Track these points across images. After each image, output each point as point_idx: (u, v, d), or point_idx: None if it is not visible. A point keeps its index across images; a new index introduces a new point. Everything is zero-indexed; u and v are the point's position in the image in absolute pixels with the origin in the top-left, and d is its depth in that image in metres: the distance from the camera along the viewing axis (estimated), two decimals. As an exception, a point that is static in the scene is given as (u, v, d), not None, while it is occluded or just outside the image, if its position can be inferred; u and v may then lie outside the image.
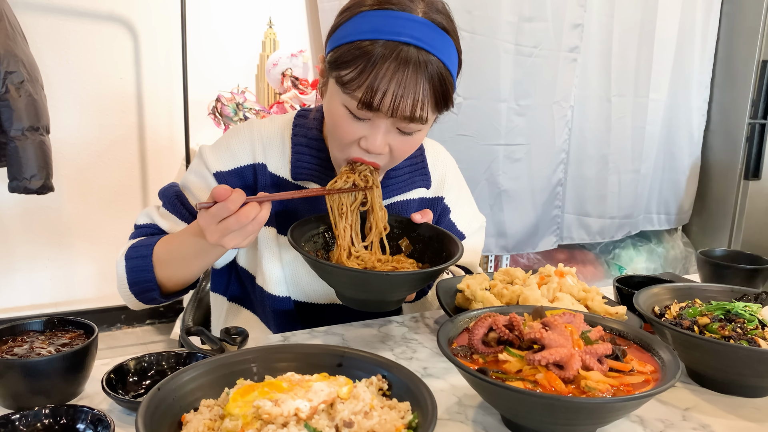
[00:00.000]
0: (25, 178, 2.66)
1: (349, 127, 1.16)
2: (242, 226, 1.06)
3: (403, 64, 1.07)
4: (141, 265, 1.24)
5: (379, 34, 1.09)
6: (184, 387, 0.83)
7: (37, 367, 0.91)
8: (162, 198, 1.34)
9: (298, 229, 1.19)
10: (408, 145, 1.20)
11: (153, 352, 1.03)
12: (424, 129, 1.20)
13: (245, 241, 1.10)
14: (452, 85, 1.15)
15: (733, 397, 1.06)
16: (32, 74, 2.67)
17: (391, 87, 1.08)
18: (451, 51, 1.14)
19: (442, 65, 1.11)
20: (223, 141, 1.35)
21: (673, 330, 1.05)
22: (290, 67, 3.35)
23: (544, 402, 0.81)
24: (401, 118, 1.11)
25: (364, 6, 1.12)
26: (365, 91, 1.08)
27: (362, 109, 1.11)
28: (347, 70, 1.10)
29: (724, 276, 1.51)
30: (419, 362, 1.15)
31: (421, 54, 1.08)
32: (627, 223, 4.04)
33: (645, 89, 3.86)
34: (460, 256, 1.14)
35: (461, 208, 1.51)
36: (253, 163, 1.33)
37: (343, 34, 1.13)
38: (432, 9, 1.13)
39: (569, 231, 3.86)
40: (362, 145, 1.17)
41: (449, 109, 1.18)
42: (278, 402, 0.76)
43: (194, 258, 1.21)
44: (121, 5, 3.28)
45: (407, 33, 1.08)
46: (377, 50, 1.07)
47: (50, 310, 3.42)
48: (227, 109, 3.17)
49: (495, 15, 3.25)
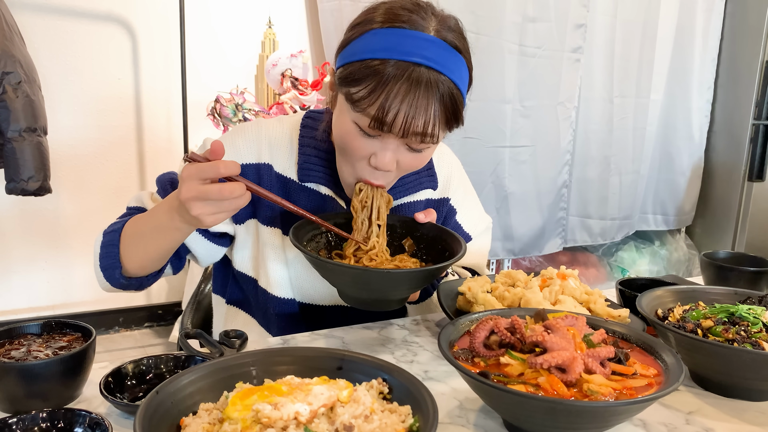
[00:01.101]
0: (23, 180, 2.66)
1: (359, 143, 1.17)
2: (222, 198, 1.02)
3: (414, 85, 1.08)
4: (111, 240, 1.22)
5: (391, 53, 1.09)
6: (182, 390, 0.83)
7: (35, 370, 0.91)
8: (157, 183, 1.33)
9: (301, 228, 1.20)
10: (416, 161, 1.21)
11: (151, 355, 1.03)
12: (433, 146, 1.21)
13: (212, 216, 1.04)
14: (462, 104, 1.16)
15: (737, 401, 1.06)
16: (29, 75, 2.67)
17: (403, 107, 1.08)
18: (462, 69, 1.15)
19: (453, 85, 1.12)
20: (229, 137, 1.35)
21: (676, 333, 1.05)
22: (290, 68, 3.35)
23: (546, 406, 0.81)
24: (412, 137, 1.12)
25: (375, 23, 1.13)
26: (377, 110, 1.09)
27: (373, 128, 1.12)
28: (358, 87, 1.11)
29: (728, 278, 1.51)
30: (420, 365, 1.15)
31: (432, 74, 1.09)
32: (626, 224, 4.06)
33: (646, 90, 3.87)
34: (462, 255, 1.14)
35: (468, 209, 1.52)
36: (258, 163, 1.32)
37: (353, 51, 1.14)
38: (444, 27, 1.14)
39: (573, 233, 3.87)
40: (371, 163, 1.18)
41: (459, 127, 1.19)
42: (278, 406, 0.76)
43: (153, 233, 1.17)
44: (119, 5, 3.28)
45: (419, 53, 1.09)
46: (389, 70, 1.08)
47: (47, 312, 3.42)
48: (226, 110, 3.17)
49: (499, 15, 3.25)
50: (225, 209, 1.04)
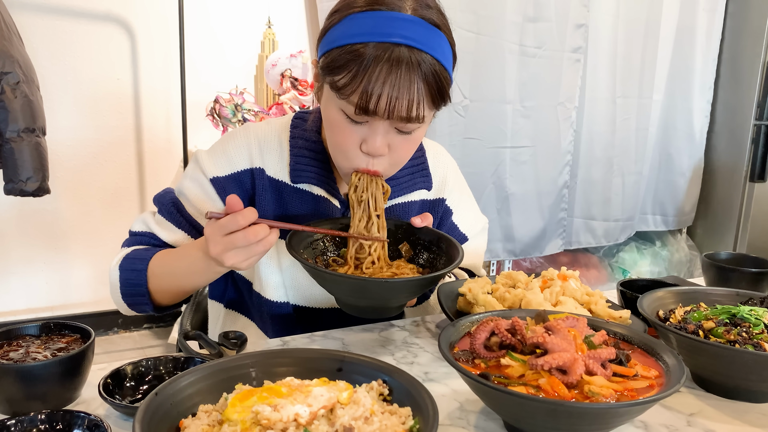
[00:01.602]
0: (21, 181, 2.66)
1: (348, 131, 1.16)
2: (248, 243, 1.06)
3: (395, 65, 1.08)
4: (135, 278, 1.25)
5: (370, 36, 1.09)
6: (182, 392, 0.83)
7: (33, 372, 0.91)
8: (157, 204, 1.34)
9: (297, 235, 1.19)
10: (408, 143, 1.21)
11: (150, 357, 1.03)
12: (423, 127, 1.20)
13: (246, 261, 1.10)
14: (448, 81, 1.15)
15: (739, 402, 1.06)
16: (28, 75, 2.67)
17: (386, 89, 1.08)
18: (444, 46, 1.14)
19: (435, 62, 1.11)
20: (219, 146, 1.35)
21: (677, 334, 1.05)
22: (289, 68, 3.36)
23: (546, 407, 0.81)
24: (398, 119, 1.12)
25: (354, 8, 1.13)
26: (360, 95, 1.09)
27: (359, 114, 1.12)
28: (340, 75, 1.10)
29: (730, 279, 1.51)
30: (420, 367, 1.15)
31: (413, 53, 1.09)
32: (629, 225, 4.06)
33: (649, 90, 3.87)
34: (460, 261, 1.14)
35: (464, 210, 1.51)
36: (251, 168, 1.33)
37: (333, 38, 1.14)
38: (421, 5, 1.13)
39: (577, 235, 3.87)
40: (363, 149, 1.17)
41: (447, 104, 1.18)
42: (277, 407, 0.76)
43: (189, 276, 1.22)
44: (117, 5, 3.29)
45: (398, 33, 1.09)
46: (369, 52, 1.08)
47: (46, 314, 3.42)
48: (225, 110, 3.18)
49: (499, 15, 3.25)
50: (256, 252, 1.09)
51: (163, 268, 1.24)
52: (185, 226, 1.30)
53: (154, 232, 1.32)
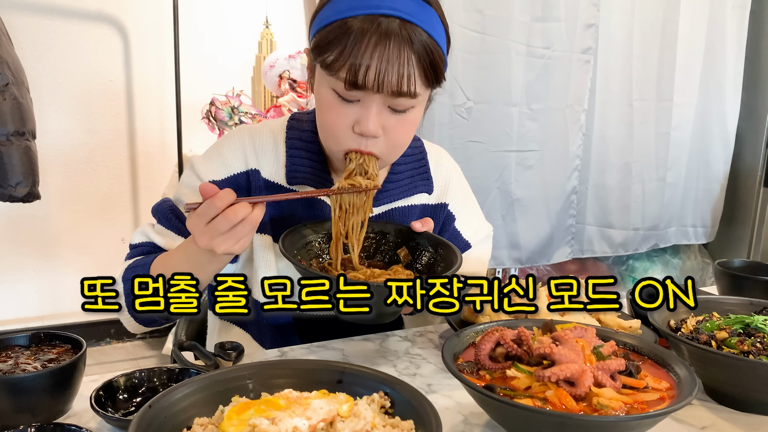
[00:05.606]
0: (10, 186, 2.67)
1: (340, 111, 1.17)
2: (232, 225, 1.06)
3: (384, 37, 1.09)
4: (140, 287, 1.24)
5: (359, 9, 1.11)
6: (176, 405, 0.83)
7: (23, 383, 0.91)
8: (156, 215, 1.35)
9: (291, 236, 1.19)
10: (403, 125, 1.21)
11: (144, 368, 1.03)
12: (418, 107, 1.21)
13: (237, 245, 1.09)
14: (441, 57, 1.16)
15: (753, 416, 1.06)
16: (17, 77, 2.68)
17: (374, 61, 1.09)
18: (435, 22, 1.15)
19: (426, 35, 1.12)
20: (214, 149, 1.36)
21: (689, 345, 1.05)
22: (288, 69, 3.36)
23: (554, 420, 0.81)
24: (389, 93, 1.12)
25: None
26: (349, 69, 1.10)
27: (350, 89, 1.13)
28: (329, 51, 1.12)
29: (743, 288, 1.51)
30: (423, 379, 1.15)
31: (403, 25, 1.10)
32: (653, 234, 4.00)
33: (669, 92, 3.83)
34: (458, 268, 1.14)
35: (467, 215, 1.52)
36: (246, 170, 1.34)
37: (322, 18, 1.16)
38: None
39: (590, 243, 3.83)
40: (356, 130, 1.18)
41: (441, 84, 1.19)
42: (275, 420, 0.76)
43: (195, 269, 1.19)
44: (110, 4, 3.30)
45: (386, 5, 1.10)
46: (356, 25, 1.10)
47: (36, 323, 3.42)
48: (222, 113, 3.18)
49: (506, 14, 3.25)
50: (242, 233, 1.09)
51: (166, 268, 1.23)
52: (186, 233, 1.31)
53: (155, 241, 1.32)
